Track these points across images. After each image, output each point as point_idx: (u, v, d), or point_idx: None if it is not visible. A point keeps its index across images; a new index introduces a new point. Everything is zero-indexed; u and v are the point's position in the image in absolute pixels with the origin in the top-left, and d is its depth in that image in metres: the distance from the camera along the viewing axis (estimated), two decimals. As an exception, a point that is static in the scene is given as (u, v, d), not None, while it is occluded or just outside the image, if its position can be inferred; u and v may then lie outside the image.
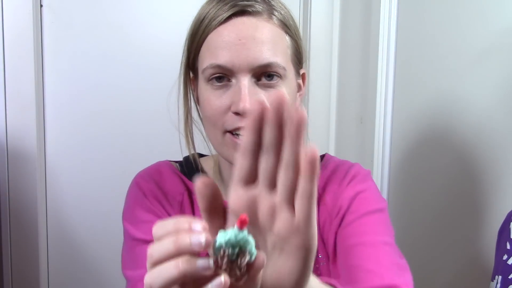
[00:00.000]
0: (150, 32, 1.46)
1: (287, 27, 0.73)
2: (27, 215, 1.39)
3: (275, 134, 0.39)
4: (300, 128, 0.38)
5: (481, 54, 1.06)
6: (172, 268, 0.36)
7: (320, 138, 1.58)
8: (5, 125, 1.35)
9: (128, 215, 0.77)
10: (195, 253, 0.37)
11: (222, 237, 0.38)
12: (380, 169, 1.33)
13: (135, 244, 0.73)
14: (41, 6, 1.38)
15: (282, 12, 0.73)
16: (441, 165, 1.17)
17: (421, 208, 1.24)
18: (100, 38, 1.43)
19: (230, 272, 0.38)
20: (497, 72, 1.02)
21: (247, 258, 0.38)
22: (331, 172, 0.79)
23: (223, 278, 0.37)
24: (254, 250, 0.38)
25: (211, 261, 0.37)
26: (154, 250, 0.38)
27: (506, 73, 1.00)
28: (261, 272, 0.39)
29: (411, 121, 1.26)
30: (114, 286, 1.49)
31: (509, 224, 0.83)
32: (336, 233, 0.74)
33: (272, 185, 0.41)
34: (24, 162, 1.37)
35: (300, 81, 0.78)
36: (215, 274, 0.37)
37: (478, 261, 1.07)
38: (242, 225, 0.38)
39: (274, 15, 0.71)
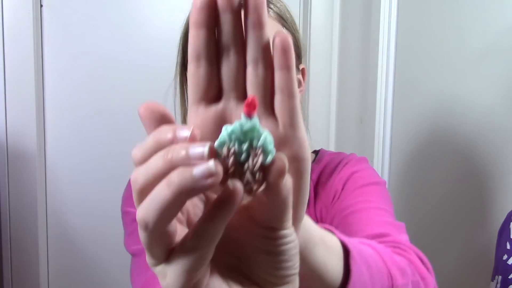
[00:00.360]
0: (150, 32, 1.46)
1: (284, 20, 0.72)
2: (27, 215, 1.39)
3: (232, 22, 0.30)
4: (260, 9, 0.29)
5: (481, 54, 1.05)
6: (163, 189, 0.26)
7: (320, 138, 1.58)
8: (5, 125, 1.35)
9: (129, 203, 0.76)
10: None
11: (226, 131, 0.27)
12: (380, 169, 1.33)
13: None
14: (41, 6, 1.38)
15: (278, 5, 0.72)
16: (441, 165, 1.17)
17: (421, 208, 1.24)
18: (100, 38, 1.43)
19: (240, 179, 0.27)
20: (497, 72, 1.02)
21: (261, 158, 0.27)
22: (324, 166, 0.78)
23: (231, 182, 0.27)
24: (271, 147, 0.27)
25: (210, 163, 0.25)
26: (138, 174, 0.28)
27: (506, 73, 1.00)
28: (287, 183, 0.28)
29: (411, 121, 1.26)
30: (114, 286, 1.49)
31: (509, 224, 0.83)
32: (330, 211, 0.71)
33: (242, 94, 0.32)
34: (24, 162, 1.37)
35: (300, 76, 0.77)
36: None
37: (478, 261, 1.07)
38: (250, 110, 0.27)
39: (270, 7, 0.70)
